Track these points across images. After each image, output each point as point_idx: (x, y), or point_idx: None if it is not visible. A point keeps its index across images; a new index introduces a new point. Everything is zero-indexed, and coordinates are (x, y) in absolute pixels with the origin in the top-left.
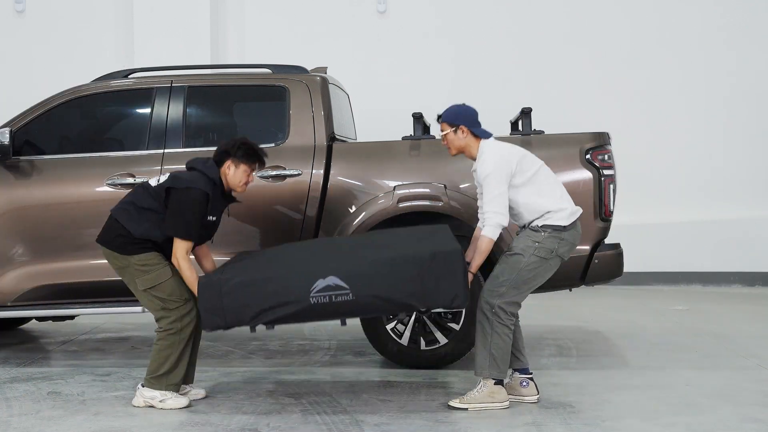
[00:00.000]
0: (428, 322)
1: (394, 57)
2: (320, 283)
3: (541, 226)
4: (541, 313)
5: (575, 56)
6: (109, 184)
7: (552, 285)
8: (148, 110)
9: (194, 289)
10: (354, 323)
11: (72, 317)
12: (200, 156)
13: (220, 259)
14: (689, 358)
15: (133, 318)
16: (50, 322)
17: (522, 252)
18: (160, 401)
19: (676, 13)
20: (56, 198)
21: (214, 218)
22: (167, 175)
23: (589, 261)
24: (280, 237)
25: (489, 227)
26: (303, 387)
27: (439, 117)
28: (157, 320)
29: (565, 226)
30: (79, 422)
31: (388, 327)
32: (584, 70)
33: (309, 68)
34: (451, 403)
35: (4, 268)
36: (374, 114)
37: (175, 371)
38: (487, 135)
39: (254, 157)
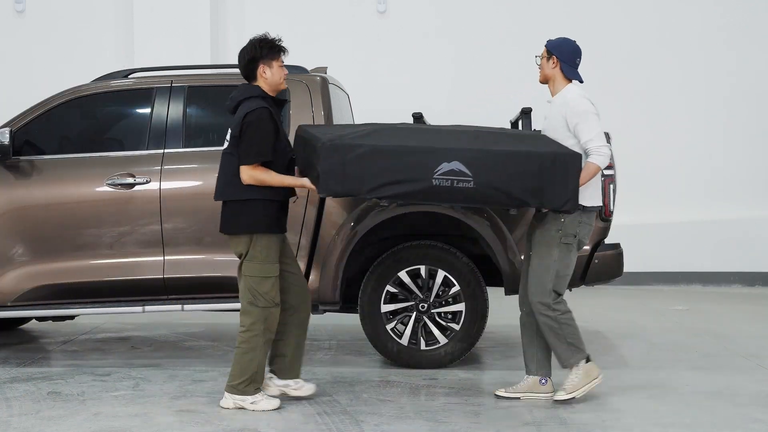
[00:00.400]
0: (428, 322)
1: (394, 57)
2: (445, 166)
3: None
4: None
5: None
6: (109, 184)
7: None
8: (148, 110)
9: (285, 182)
10: (354, 323)
11: (72, 317)
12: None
13: (218, 259)
14: (689, 358)
15: (133, 318)
16: (50, 322)
17: (548, 245)
18: (252, 403)
19: (676, 13)
20: (56, 198)
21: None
22: (228, 131)
23: (589, 261)
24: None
25: (599, 156)
26: None
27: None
28: (241, 316)
29: (585, 207)
30: (79, 422)
31: (388, 327)
32: (584, 70)
33: (309, 68)
34: (557, 397)
35: (4, 268)
36: (374, 114)
37: (259, 374)
38: (576, 77)
39: (278, 47)
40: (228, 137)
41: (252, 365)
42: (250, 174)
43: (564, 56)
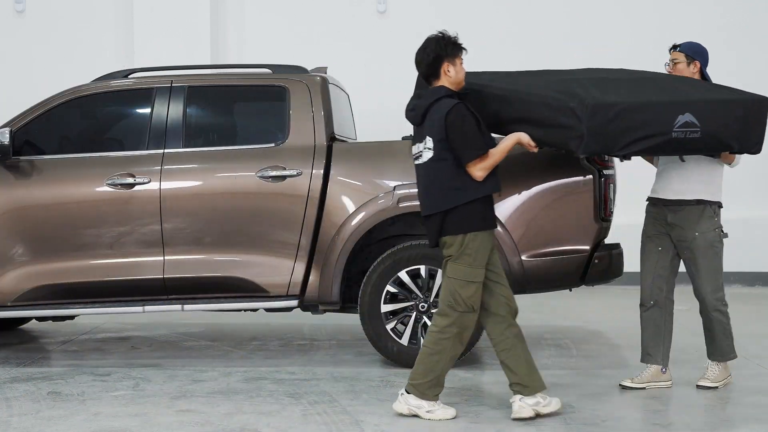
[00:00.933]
0: (428, 322)
1: (394, 57)
2: (681, 119)
3: (712, 204)
4: (541, 313)
5: (575, 56)
6: (109, 184)
7: (552, 285)
8: (148, 110)
9: (508, 146)
10: (354, 323)
11: (72, 317)
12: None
13: (218, 259)
14: (689, 358)
15: (133, 318)
16: (50, 322)
17: (712, 244)
18: (427, 411)
19: (676, 13)
20: (56, 198)
21: None
22: (426, 139)
23: (589, 261)
24: (280, 237)
25: None
26: (303, 387)
27: (676, 46)
28: (436, 316)
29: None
30: (79, 422)
31: (388, 327)
32: None
33: (309, 68)
34: (703, 383)
35: (4, 268)
36: (374, 114)
37: (442, 379)
38: (708, 78)
39: (460, 45)
40: (427, 146)
41: (437, 367)
42: (480, 167)
43: (704, 60)
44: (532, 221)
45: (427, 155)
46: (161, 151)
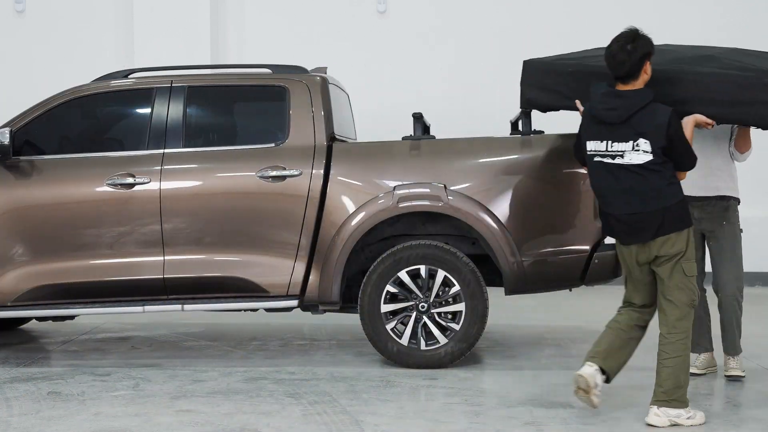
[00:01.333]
0: (428, 322)
1: (394, 57)
2: None
3: (731, 200)
4: (541, 313)
5: None
6: (109, 184)
7: (552, 285)
8: (148, 110)
9: (691, 131)
10: (354, 323)
11: (72, 317)
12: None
13: (218, 259)
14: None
15: (133, 318)
16: (50, 322)
17: (735, 236)
18: (688, 418)
19: (676, 13)
20: (56, 198)
21: None
22: (638, 141)
23: (589, 261)
24: (280, 237)
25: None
26: (303, 387)
27: None
28: (677, 323)
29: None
30: (79, 422)
31: (388, 327)
32: None
33: (309, 68)
34: (732, 373)
35: (4, 268)
36: (374, 114)
37: (688, 379)
38: None
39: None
40: (642, 149)
41: (686, 369)
42: (688, 170)
43: None
44: (532, 221)
45: (639, 157)
46: (161, 151)
